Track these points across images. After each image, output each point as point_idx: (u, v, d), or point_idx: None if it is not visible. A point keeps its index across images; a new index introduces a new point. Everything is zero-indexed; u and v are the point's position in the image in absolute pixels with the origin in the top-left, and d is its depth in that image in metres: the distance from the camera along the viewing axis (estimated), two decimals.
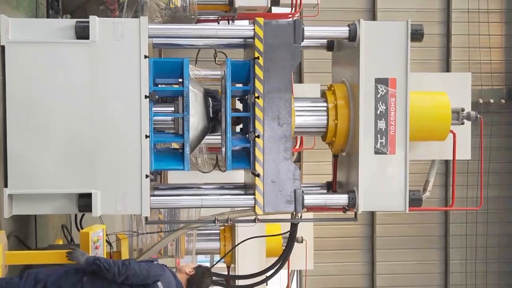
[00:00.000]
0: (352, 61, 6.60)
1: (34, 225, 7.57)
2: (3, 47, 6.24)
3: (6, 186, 6.26)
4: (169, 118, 6.79)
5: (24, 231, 7.12)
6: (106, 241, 6.85)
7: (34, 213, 7.22)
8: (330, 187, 7.39)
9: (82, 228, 7.42)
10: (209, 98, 6.88)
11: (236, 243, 9.73)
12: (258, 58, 6.42)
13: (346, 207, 6.70)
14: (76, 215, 8.19)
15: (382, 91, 6.46)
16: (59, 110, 6.33)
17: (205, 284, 5.98)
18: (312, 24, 6.79)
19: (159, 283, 5.59)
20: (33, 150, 6.31)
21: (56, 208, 6.52)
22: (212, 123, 6.86)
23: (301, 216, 6.84)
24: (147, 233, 9.64)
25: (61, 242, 8.52)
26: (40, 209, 6.55)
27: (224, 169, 6.74)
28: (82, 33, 6.33)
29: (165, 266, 5.88)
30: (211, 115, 6.85)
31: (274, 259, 7.77)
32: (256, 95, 6.42)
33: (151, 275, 5.58)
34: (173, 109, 6.78)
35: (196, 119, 6.53)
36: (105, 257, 6.58)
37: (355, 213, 6.76)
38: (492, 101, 15.81)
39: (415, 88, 6.63)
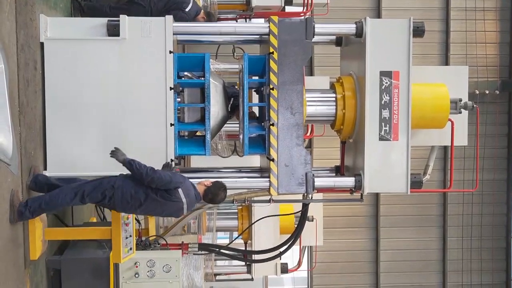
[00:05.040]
0: (359, 55, 6.57)
1: None
2: (42, 43, 6.28)
3: (45, 169, 6.32)
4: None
5: (61, 210, 7.17)
6: (135, 219, 6.89)
7: None
8: (338, 171, 7.37)
9: None
10: (232, 98, 6.89)
11: (253, 221, 9.76)
12: (273, 53, 6.40)
13: (353, 189, 6.68)
14: None
15: (386, 83, 6.42)
16: (92, 101, 6.38)
17: (219, 197, 6.01)
18: (322, 22, 6.75)
19: (180, 189, 5.74)
20: (69, 137, 6.36)
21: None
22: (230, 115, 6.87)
23: (311, 197, 6.84)
24: None
25: (94, 220, 8.59)
26: None
27: (241, 154, 6.74)
28: (113, 31, 6.36)
29: (186, 177, 5.99)
30: (228, 110, 6.84)
31: (287, 236, 7.79)
32: (271, 86, 6.41)
33: (173, 181, 5.70)
34: (179, 99, 6.77)
35: (216, 109, 6.53)
36: (134, 230, 6.61)
37: (361, 194, 6.75)
38: (487, 92, 15.71)
39: (417, 80, 6.59)
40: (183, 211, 5.87)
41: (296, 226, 7.71)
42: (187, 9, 7.87)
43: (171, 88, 6.39)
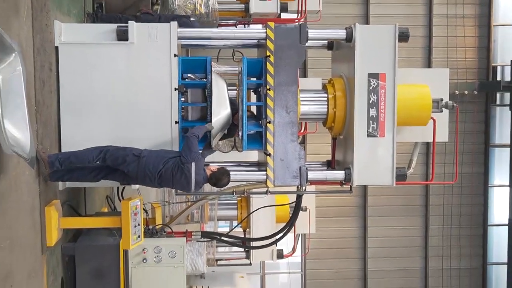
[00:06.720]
0: (349, 58, 6.55)
1: (84, 196, 7.63)
2: (57, 47, 6.26)
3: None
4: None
5: (75, 201, 7.17)
6: (143, 209, 6.89)
7: (84, 186, 7.26)
8: (330, 165, 7.36)
9: (123, 199, 7.47)
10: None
11: (251, 211, 9.76)
12: (269, 56, 6.38)
13: (343, 181, 6.68)
14: (118, 188, 8.23)
15: (374, 84, 6.41)
16: (103, 101, 6.37)
17: (222, 182, 6.17)
18: (315, 28, 6.73)
19: (193, 164, 5.89)
20: (82, 134, 6.35)
21: (102, 182, 6.56)
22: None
23: (305, 189, 6.83)
24: (177, 202, 9.70)
25: (105, 210, 8.59)
26: (88, 183, 6.59)
27: (240, 149, 6.73)
28: (122, 36, 6.34)
29: (204, 161, 6.16)
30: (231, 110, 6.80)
31: (283, 224, 7.79)
32: (268, 87, 6.39)
33: (194, 155, 5.90)
34: (183, 99, 6.75)
35: (218, 108, 6.50)
36: (142, 219, 6.60)
37: (350, 186, 6.74)
38: (466, 92, 15.74)
39: (402, 81, 6.58)
40: (191, 186, 5.99)
41: (291, 215, 7.71)
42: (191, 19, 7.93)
43: (175, 89, 6.38)
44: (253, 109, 7.46)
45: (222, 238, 8.12)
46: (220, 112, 6.45)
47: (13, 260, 4.97)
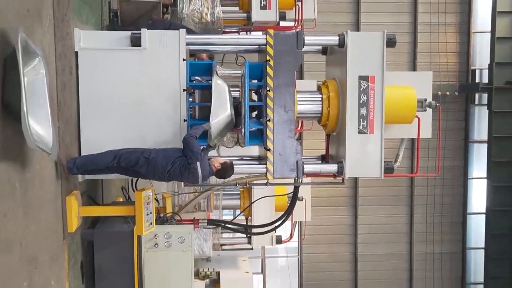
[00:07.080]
0: (341, 62, 6.55)
1: (101, 187, 7.64)
2: (76, 53, 6.26)
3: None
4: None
5: (93, 191, 7.18)
6: (155, 199, 6.89)
7: (101, 178, 7.26)
8: (324, 159, 7.36)
9: (137, 189, 7.47)
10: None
11: (253, 201, 9.76)
12: (269, 60, 6.38)
13: (336, 174, 6.68)
14: (132, 180, 8.23)
15: (364, 85, 6.40)
16: (118, 101, 6.38)
17: (227, 174, 6.27)
18: (310, 35, 6.72)
19: (198, 163, 5.90)
20: (99, 129, 6.36)
21: (117, 174, 6.57)
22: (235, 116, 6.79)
23: (301, 181, 6.84)
24: (185, 193, 9.70)
25: (121, 200, 8.59)
26: (105, 175, 6.60)
27: (243, 145, 6.73)
28: (136, 42, 6.34)
29: (207, 158, 6.14)
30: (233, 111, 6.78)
31: (281, 213, 7.79)
32: (268, 88, 6.39)
33: (197, 155, 5.88)
34: (191, 99, 6.74)
35: (221, 108, 6.48)
36: (154, 208, 6.60)
37: (343, 179, 6.74)
38: (448, 93, 15.69)
39: (389, 83, 6.58)
40: (199, 180, 6.04)
41: (288, 204, 7.71)
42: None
43: (184, 90, 6.38)
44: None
45: (226, 225, 8.13)
46: (221, 114, 6.43)
47: (37, 245, 4.98)
